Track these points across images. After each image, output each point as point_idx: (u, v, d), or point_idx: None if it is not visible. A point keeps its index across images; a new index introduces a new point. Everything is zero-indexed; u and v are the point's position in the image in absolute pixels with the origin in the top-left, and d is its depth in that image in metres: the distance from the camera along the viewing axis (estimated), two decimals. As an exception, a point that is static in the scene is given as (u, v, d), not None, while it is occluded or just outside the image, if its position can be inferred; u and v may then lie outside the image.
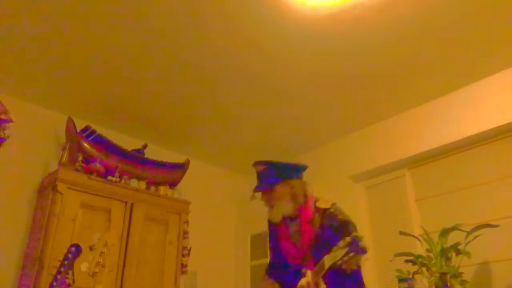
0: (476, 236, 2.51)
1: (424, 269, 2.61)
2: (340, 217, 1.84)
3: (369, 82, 3.09)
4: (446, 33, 2.61)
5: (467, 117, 3.02)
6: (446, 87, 3.13)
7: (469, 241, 2.52)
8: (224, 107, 3.41)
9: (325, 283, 1.63)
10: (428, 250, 2.67)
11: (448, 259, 2.57)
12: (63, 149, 3.15)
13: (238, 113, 3.49)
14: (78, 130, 3.18)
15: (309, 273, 1.66)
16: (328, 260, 1.53)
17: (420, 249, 2.79)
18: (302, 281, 1.66)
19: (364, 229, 3.29)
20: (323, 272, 1.56)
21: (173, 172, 3.67)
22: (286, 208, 1.93)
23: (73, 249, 1.81)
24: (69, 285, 1.74)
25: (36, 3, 2.39)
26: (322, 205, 1.90)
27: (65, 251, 1.81)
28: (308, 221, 1.88)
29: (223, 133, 3.81)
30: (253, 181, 2.02)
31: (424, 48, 2.73)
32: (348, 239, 1.48)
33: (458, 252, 2.52)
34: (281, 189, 1.94)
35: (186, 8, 2.44)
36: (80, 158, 3.13)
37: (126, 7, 2.43)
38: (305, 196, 1.95)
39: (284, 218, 1.96)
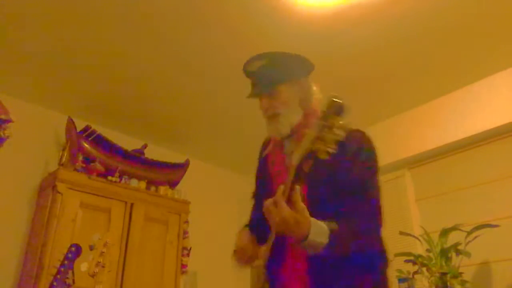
0: (476, 236, 2.51)
1: (424, 269, 2.62)
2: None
3: (369, 82, 3.08)
4: (446, 33, 2.61)
5: (467, 117, 3.02)
6: (446, 87, 3.13)
7: (469, 241, 2.52)
8: (224, 107, 3.41)
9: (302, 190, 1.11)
10: (428, 250, 2.67)
11: (448, 259, 2.57)
12: (63, 149, 3.15)
13: (238, 113, 3.49)
14: (78, 130, 3.18)
15: (279, 189, 1.15)
16: (297, 153, 1.10)
17: (420, 249, 2.79)
18: (267, 202, 1.16)
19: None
20: (292, 176, 1.11)
21: (173, 172, 3.67)
22: (295, 116, 1.44)
23: (73, 249, 1.81)
24: (69, 285, 1.74)
25: (36, 4, 2.39)
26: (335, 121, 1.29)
27: (65, 251, 1.81)
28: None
29: (223, 133, 3.81)
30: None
31: (424, 48, 2.73)
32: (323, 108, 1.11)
33: (458, 252, 2.52)
34: (288, 91, 1.46)
35: (186, 8, 2.44)
36: (80, 158, 3.13)
37: (126, 8, 2.43)
38: (313, 102, 1.49)
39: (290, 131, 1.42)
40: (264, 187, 1.53)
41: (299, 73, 1.49)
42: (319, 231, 1.13)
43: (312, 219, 1.13)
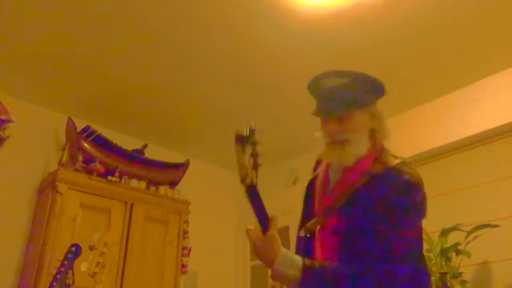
0: (476, 236, 2.51)
1: (424, 269, 2.61)
2: (406, 177, 1.27)
3: (369, 82, 3.08)
4: (446, 33, 2.61)
5: (467, 117, 3.02)
6: (446, 87, 3.12)
7: (469, 241, 2.52)
8: (224, 107, 3.41)
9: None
10: (428, 250, 2.67)
11: (448, 259, 2.57)
12: (63, 149, 3.15)
13: (238, 113, 3.49)
14: (78, 130, 3.18)
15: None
16: None
17: (420, 249, 2.79)
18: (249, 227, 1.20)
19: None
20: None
21: (173, 172, 3.67)
22: (363, 147, 1.29)
23: (73, 249, 1.80)
24: (69, 285, 1.74)
25: (37, 5, 2.39)
26: (389, 160, 1.32)
27: (65, 251, 1.81)
28: (362, 171, 1.26)
29: (223, 133, 3.80)
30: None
31: (424, 48, 2.73)
32: None
33: (458, 252, 2.52)
34: (362, 118, 1.29)
35: (186, 8, 2.44)
36: (80, 158, 3.13)
37: (127, 8, 2.43)
38: (381, 136, 1.34)
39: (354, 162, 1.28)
40: (306, 210, 1.44)
41: (374, 99, 1.33)
42: (288, 263, 1.11)
43: (285, 250, 1.13)
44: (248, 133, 1.21)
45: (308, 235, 1.29)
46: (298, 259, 1.13)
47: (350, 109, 1.27)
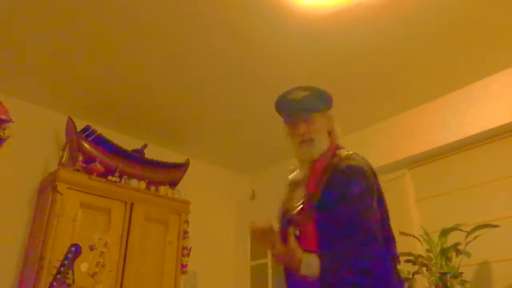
0: (476, 236, 2.51)
1: (424, 269, 2.61)
2: (356, 166, 1.52)
3: (369, 82, 3.08)
4: (446, 33, 2.61)
5: (467, 117, 3.02)
6: (446, 87, 3.12)
7: (469, 241, 2.52)
8: (225, 107, 3.41)
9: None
10: (428, 250, 2.67)
11: (448, 259, 2.57)
12: (63, 149, 3.15)
13: (238, 113, 3.49)
14: (78, 130, 3.18)
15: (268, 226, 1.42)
16: None
17: (420, 249, 2.79)
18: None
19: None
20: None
21: (173, 172, 3.67)
22: (324, 144, 1.63)
23: (73, 249, 1.81)
24: (69, 285, 1.74)
25: (37, 5, 2.39)
26: (343, 154, 1.60)
27: (65, 251, 1.81)
28: (326, 163, 1.58)
29: (223, 133, 3.81)
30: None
31: (424, 48, 2.73)
32: None
33: (458, 252, 2.52)
34: (321, 121, 1.65)
35: (186, 8, 2.44)
36: (80, 158, 3.13)
37: (127, 8, 2.43)
38: (335, 135, 1.68)
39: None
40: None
41: (327, 106, 1.69)
42: (309, 270, 1.32)
43: (305, 259, 1.33)
44: None
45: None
46: (316, 263, 1.31)
47: (312, 113, 1.64)
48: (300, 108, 1.64)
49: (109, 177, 3.19)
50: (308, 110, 1.64)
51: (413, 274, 2.64)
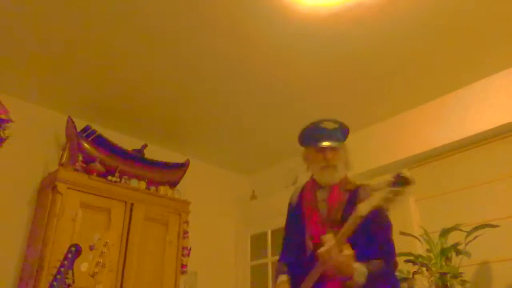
0: (476, 236, 2.51)
1: (424, 269, 2.61)
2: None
3: (369, 82, 3.08)
4: (446, 33, 2.61)
5: (467, 117, 3.02)
6: (446, 87, 3.12)
7: (469, 241, 2.52)
8: (224, 107, 3.41)
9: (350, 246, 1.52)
10: (428, 250, 2.67)
11: (448, 259, 2.57)
12: (63, 149, 3.15)
13: (238, 113, 3.49)
14: (78, 130, 3.18)
15: (330, 237, 1.54)
16: (365, 206, 1.45)
17: (420, 249, 2.79)
18: (323, 249, 1.53)
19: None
20: (354, 225, 1.48)
21: (173, 172, 3.67)
22: (343, 171, 1.86)
23: (73, 249, 1.81)
24: (69, 285, 1.74)
25: (37, 5, 2.39)
26: (353, 181, 1.86)
27: (65, 251, 1.81)
28: (343, 188, 1.82)
29: (223, 133, 3.81)
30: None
31: (424, 48, 2.73)
32: (390, 178, 1.46)
33: (458, 252, 2.52)
34: (342, 152, 1.89)
35: (187, 8, 2.44)
36: (80, 158, 3.13)
37: (127, 8, 2.43)
38: (348, 165, 1.92)
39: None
40: (296, 228, 1.89)
41: (346, 139, 1.93)
42: (361, 273, 1.53)
43: (356, 263, 1.53)
44: None
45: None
46: (364, 270, 1.54)
47: (339, 143, 1.87)
48: (331, 137, 1.85)
49: (109, 177, 3.19)
50: (337, 140, 1.86)
51: (413, 274, 2.64)
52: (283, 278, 1.84)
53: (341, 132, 1.89)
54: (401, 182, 1.46)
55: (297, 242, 1.83)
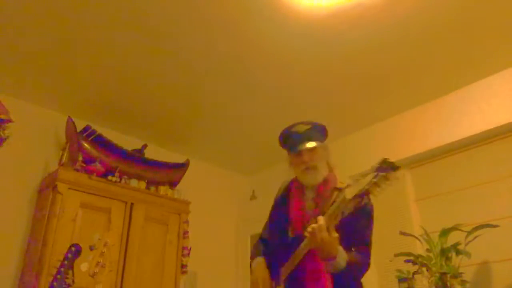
0: (476, 236, 2.52)
1: (424, 269, 2.62)
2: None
3: (369, 82, 3.09)
4: (446, 33, 2.61)
5: (467, 117, 3.02)
6: (446, 87, 3.13)
7: (469, 241, 2.52)
8: (224, 107, 3.41)
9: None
10: (428, 250, 2.67)
11: (448, 259, 2.57)
12: (63, 149, 3.15)
13: (238, 113, 3.49)
14: (78, 130, 3.18)
15: (320, 218, 1.52)
16: (352, 190, 1.44)
17: (420, 249, 2.79)
18: (314, 225, 1.53)
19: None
20: (342, 211, 1.47)
21: (173, 172, 3.66)
22: (325, 170, 1.85)
23: (73, 249, 1.81)
24: (69, 285, 1.74)
25: (37, 6, 2.39)
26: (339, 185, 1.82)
27: (65, 251, 1.81)
28: (329, 186, 1.78)
29: (223, 133, 3.81)
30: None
31: (424, 48, 2.73)
32: (375, 164, 1.43)
33: (458, 252, 2.52)
34: (321, 151, 1.87)
35: (187, 9, 2.44)
36: (80, 158, 3.13)
37: (128, 9, 2.44)
38: (331, 165, 1.91)
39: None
40: (279, 223, 1.90)
41: (325, 138, 1.93)
42: (343, 257, 1.55)
43: (340, 247, 1.55)
44: None
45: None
46: (346, 256, 1.56)
47: (315, 143, 1.85)
48: (304, 140, 1.85)
49: (109, 177, 3.19)
50: (312, 141, 1.85)
51: (413, 274, 2.64)
52: (259, 259, 1.91)
53: (316, 132, 1.89)
54: (387, 167, 1.43)
55: (280, 227, 1.86)
